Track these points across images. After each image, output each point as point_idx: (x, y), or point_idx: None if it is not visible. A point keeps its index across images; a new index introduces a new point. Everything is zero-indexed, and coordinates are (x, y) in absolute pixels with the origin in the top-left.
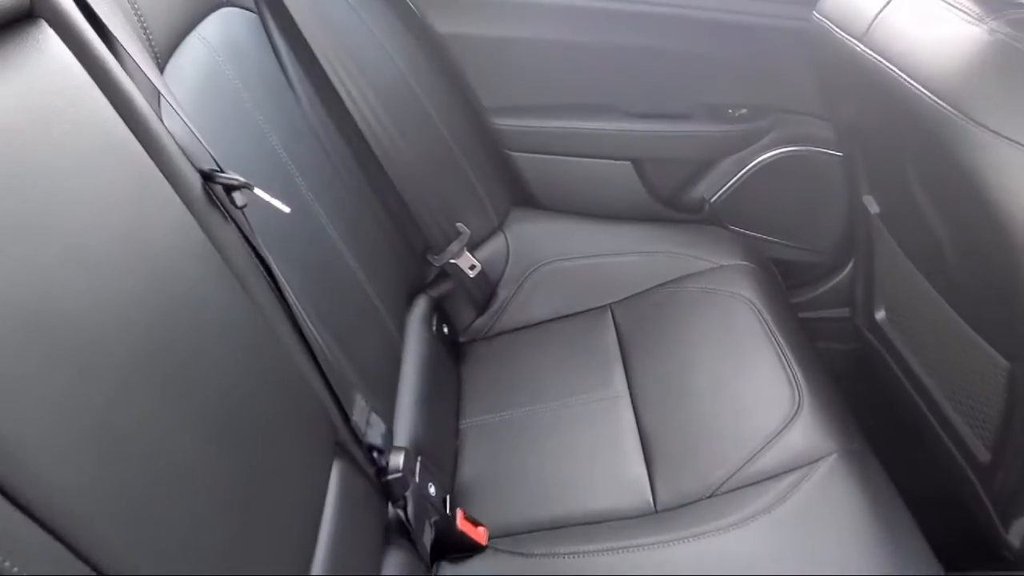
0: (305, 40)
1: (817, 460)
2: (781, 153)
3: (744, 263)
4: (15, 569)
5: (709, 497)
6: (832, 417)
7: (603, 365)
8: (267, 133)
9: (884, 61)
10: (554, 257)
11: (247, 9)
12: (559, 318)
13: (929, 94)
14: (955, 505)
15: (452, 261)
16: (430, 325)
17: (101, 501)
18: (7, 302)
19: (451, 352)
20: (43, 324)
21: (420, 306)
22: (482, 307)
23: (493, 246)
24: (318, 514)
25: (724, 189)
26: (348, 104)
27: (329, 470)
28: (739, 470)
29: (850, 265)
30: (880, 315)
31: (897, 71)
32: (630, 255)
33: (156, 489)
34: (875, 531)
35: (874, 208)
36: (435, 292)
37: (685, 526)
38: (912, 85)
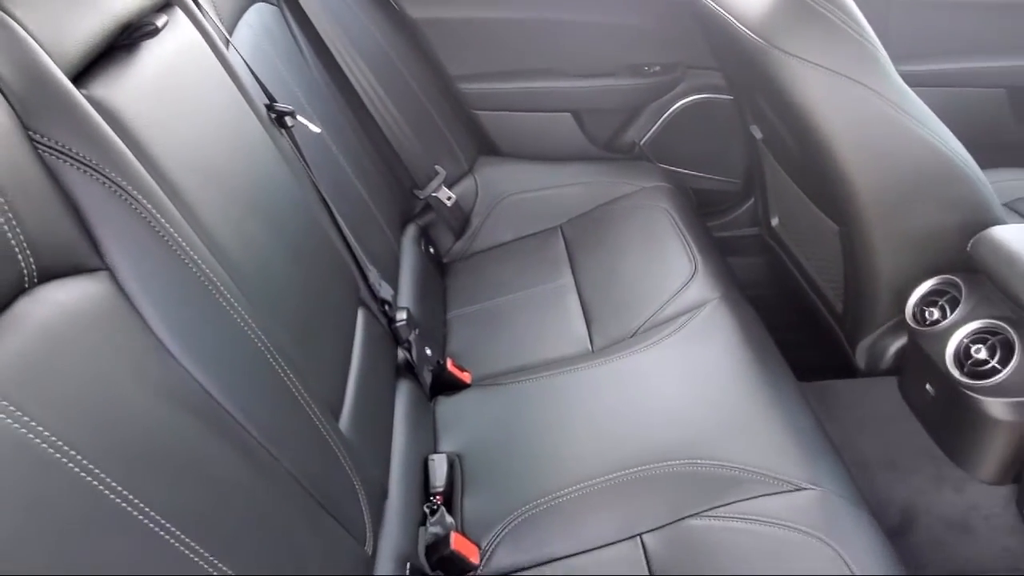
0: (314, 26)
1: (704, 304)
2: (692, 100)
3: (664, 185)
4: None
5: (630, 337)
6: (717, 278)
7: (554, 266)
8: (296, 92)
9: (725, 12)
10: (514, 191)
11: (272, 4)
12: (520, 238)
13: (750, 32)
14: (827, 344)
15: (433, 194)
16: (420, 246)
17: (246, 265)
18: (197, 159)
19: (438, 268)
20: (207, 170)
21: (411, 231)
22: (459, 233)
23: (465, 185)
24: (350, 347)
25: (650, 133)
26: (347, 74)
27: (356, 315)
28: (650, 318)
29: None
30: (775, 222)
31: (732, 19)
32: (574, 186)
33: (267, 280)
34: (742, 348)
35: (758, 135)
36: (422, 221)
37: (609, 354)
38: (741, 28)
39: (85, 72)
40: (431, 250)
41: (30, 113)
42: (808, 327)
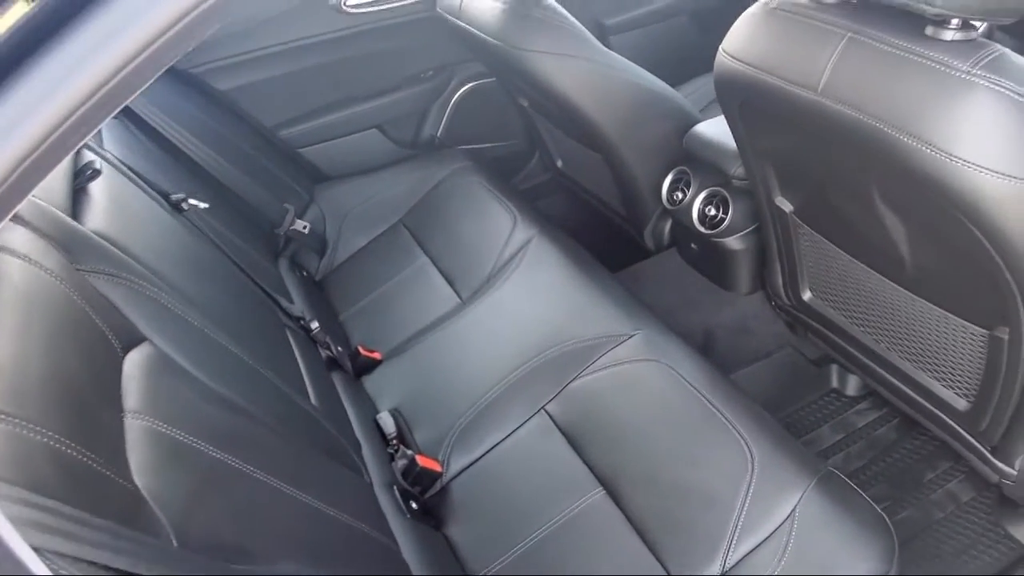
0: (151, 126)
1: (529, 240)
2: (466, 89)
3: (468, 163)
4: None
5: (485, 282)
6: (532, 219)
7: (408, 252)
8: (162, 183)
9: (469, 26)
10: (354, 205)
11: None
12: (372, 240)
13: (491, 39)
14: (625, 241)
15: (291, 227)
16: (295, 273)
17: (217, 313)
18: (157, 247)
19: (316, 286)
20: (167, 254)
21: (283, 264)
22: (321, 252)
23: (312, 212)
24: (294, 356)
25: (442, 125)
26: (190, 155)
27: (285, 334)
28: (495, 263)
29: None
30: (560, 164)
31: (475, 30)
32: (400, 185)
33: (233, 320)
34: (565, 261)
35: (525, 103)
36: (288, 252)
37: (475, 299)
38: (484, 36)
39: (74, 215)
40: (304, 274)
41: (71, 253)
42: (609, 233)
